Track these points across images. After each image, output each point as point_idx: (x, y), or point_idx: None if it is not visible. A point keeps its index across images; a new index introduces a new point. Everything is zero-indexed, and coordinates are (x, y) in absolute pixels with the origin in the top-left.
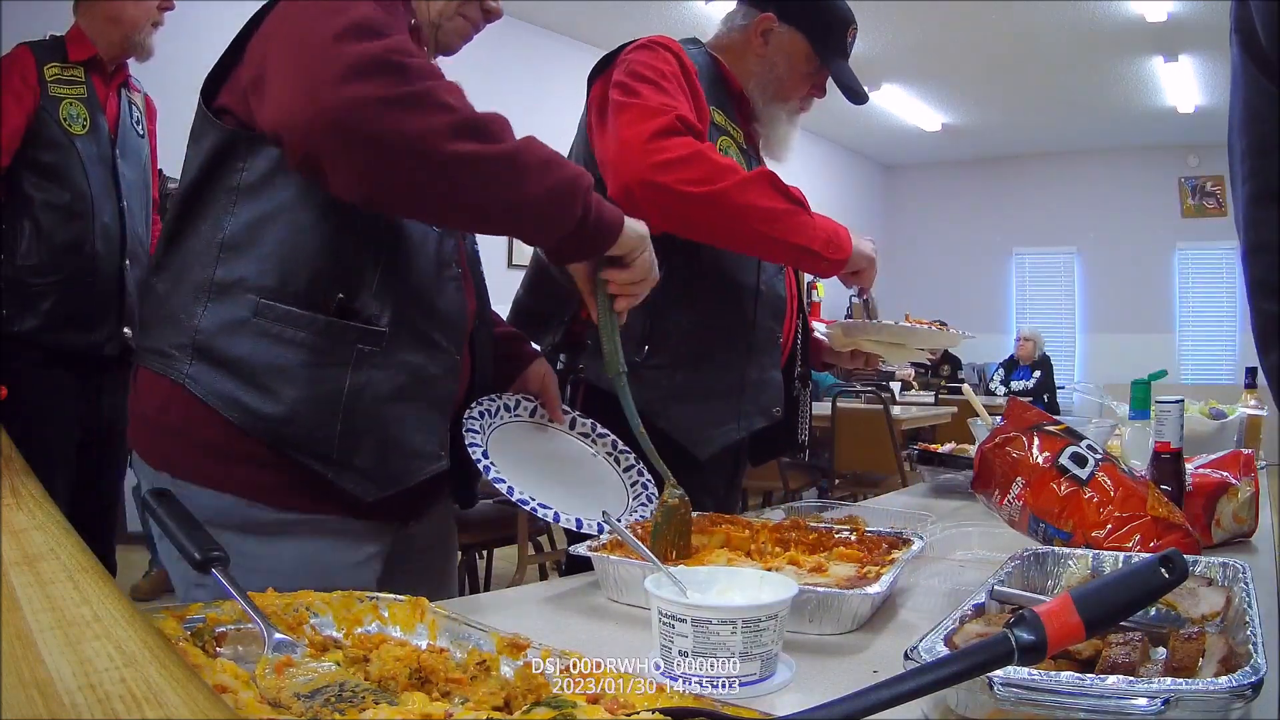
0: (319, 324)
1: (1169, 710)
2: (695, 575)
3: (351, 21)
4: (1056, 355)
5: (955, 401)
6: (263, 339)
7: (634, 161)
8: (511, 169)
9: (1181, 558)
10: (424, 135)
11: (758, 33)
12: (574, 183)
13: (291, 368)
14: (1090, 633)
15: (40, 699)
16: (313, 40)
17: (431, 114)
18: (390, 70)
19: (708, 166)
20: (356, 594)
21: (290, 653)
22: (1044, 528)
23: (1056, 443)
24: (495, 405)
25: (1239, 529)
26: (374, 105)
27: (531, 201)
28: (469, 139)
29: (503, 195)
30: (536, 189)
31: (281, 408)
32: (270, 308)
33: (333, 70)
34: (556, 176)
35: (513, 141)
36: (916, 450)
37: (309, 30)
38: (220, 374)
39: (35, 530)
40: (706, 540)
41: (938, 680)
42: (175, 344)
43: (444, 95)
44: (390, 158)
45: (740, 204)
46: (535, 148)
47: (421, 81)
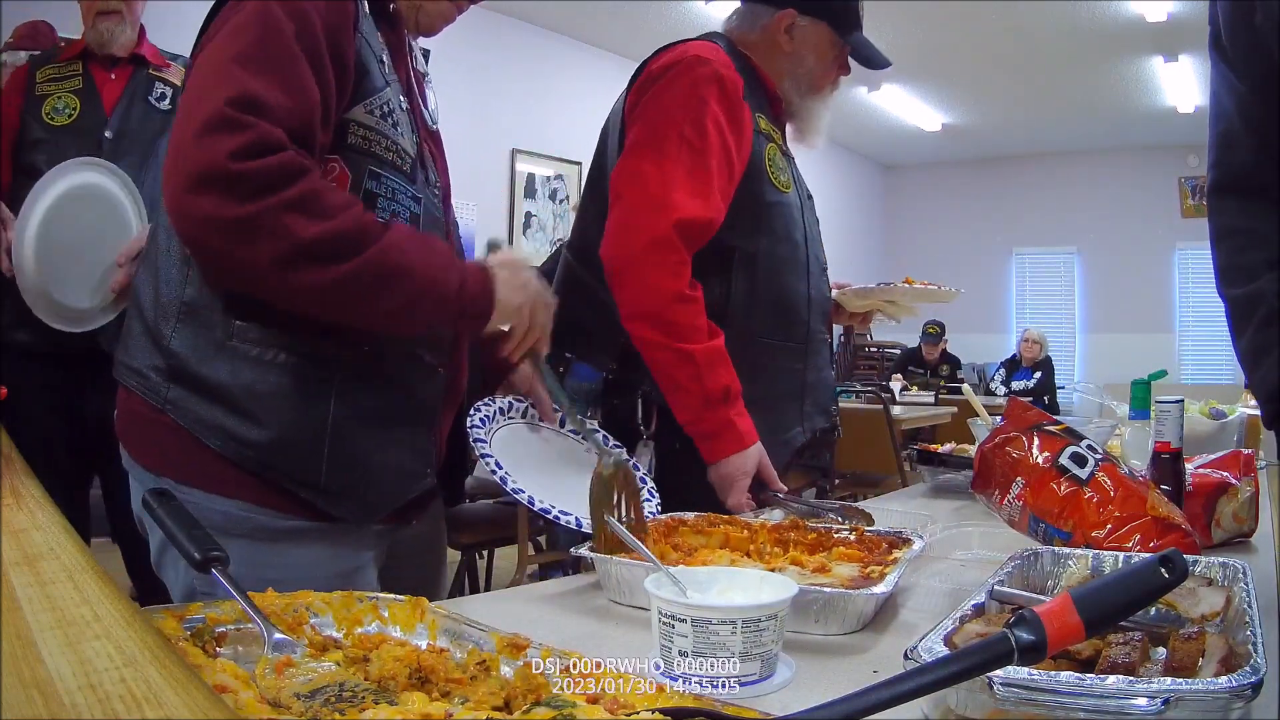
0: (301, 345)
1: (1169, 710)
2: (695, 575)
3: (212, 113)
4: (1056, 355)
5: (955, 401)
6: (242, 362)
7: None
8: (357, 287)
9: (1181, 558)
10: (253, 267)
11: (781, 30)
12: (434, 285)
13: (273, 392)
14: (1090, 633)
15: (40, 699)
16: (182, 131)
17: (261, 241)
18: (226, 185)
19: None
20: (356, 594)
21: (290, 653)
22: (1044, 528)
23: (1056, 443)
24: (492, 410)
25: (1239, 529)
26: (210, 226)
27: (389, 314)
28: (306, 264)
29: (355, 311)
30: (390, 303)
31: (266, 434)
32: (247, 329)
33: (181, 179)
34: (413, 284)
35: (361, 257)
36: (916, 450)
37: (186, 114)
38: (201, 400)
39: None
40: (705, 540)
41: (938, 680)
42: (152, 365)
43: (280, 216)
44: (234, 279)
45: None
46: (389, 258)
47: (258, 198)
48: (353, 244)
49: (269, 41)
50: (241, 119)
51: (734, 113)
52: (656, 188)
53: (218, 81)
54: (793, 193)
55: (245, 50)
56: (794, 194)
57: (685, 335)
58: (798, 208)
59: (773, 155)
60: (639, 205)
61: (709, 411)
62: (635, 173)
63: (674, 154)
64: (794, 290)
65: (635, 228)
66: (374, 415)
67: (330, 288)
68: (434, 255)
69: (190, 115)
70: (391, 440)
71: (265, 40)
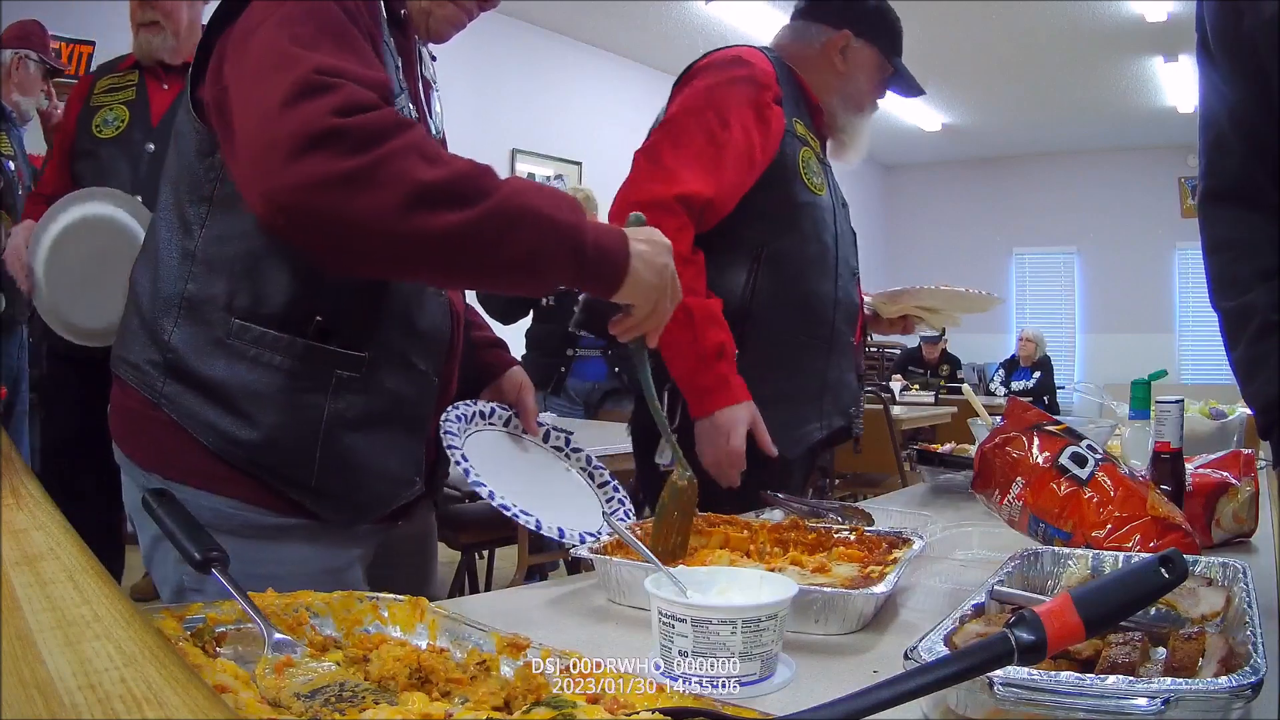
0: (297, 348)
1: (1169, 710)
2: (695, 575)
3: (298, 80)
4: (1056, 355)
5: (955, 401)
6: (239, 361)
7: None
8: (483, 233)
9: (1181, 558)
10: (378, 214)
11: (836, 49)
12: (564, 234)
13: (269, 393)
14: (1090, 633)
15: (40, 699)
16: (262, 106)
17: (383, 188)
18: (336, 140)
19: None
20: (356, 594)
21: (290, 653)
22: (1044, 528)
23: (1056, 443)
24: (471, 411)
25: (1239, 529)
26: (320, 186)
27: (513, 264)
28: (430, 208)
29: (480, 261)
30: (516, 251)
31: (259, 434)
32: (245, 329)
33: (279, 149)
34: (541, 231)
35: (488, 199)
36: (916, 450)
37: (259, 92)
38: (196, 396)
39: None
40: (705, 540)
41: (938, 680)
42: (149, 359)
43: (399, 161)
44: (348, 240)
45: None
46: (515, 201)
47: (372, 148)
48: (477, 188)
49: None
50: (330, 81)
51: (763, 112)
52: (669, 161)
53: (288, 60)
54: (826, 196)
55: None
56: (827, 197)
57: None
58: (830, 211)
59: (807, 159)
60: (646, 175)
61: (702, 366)
62: (650, 147)
63: (692, 137)
64: (820, 290)
65: (637, 192)
66: (367, 421)
67: (456, 232)
68: (562, 204)
69: (266, 91)
70: (383, 446)
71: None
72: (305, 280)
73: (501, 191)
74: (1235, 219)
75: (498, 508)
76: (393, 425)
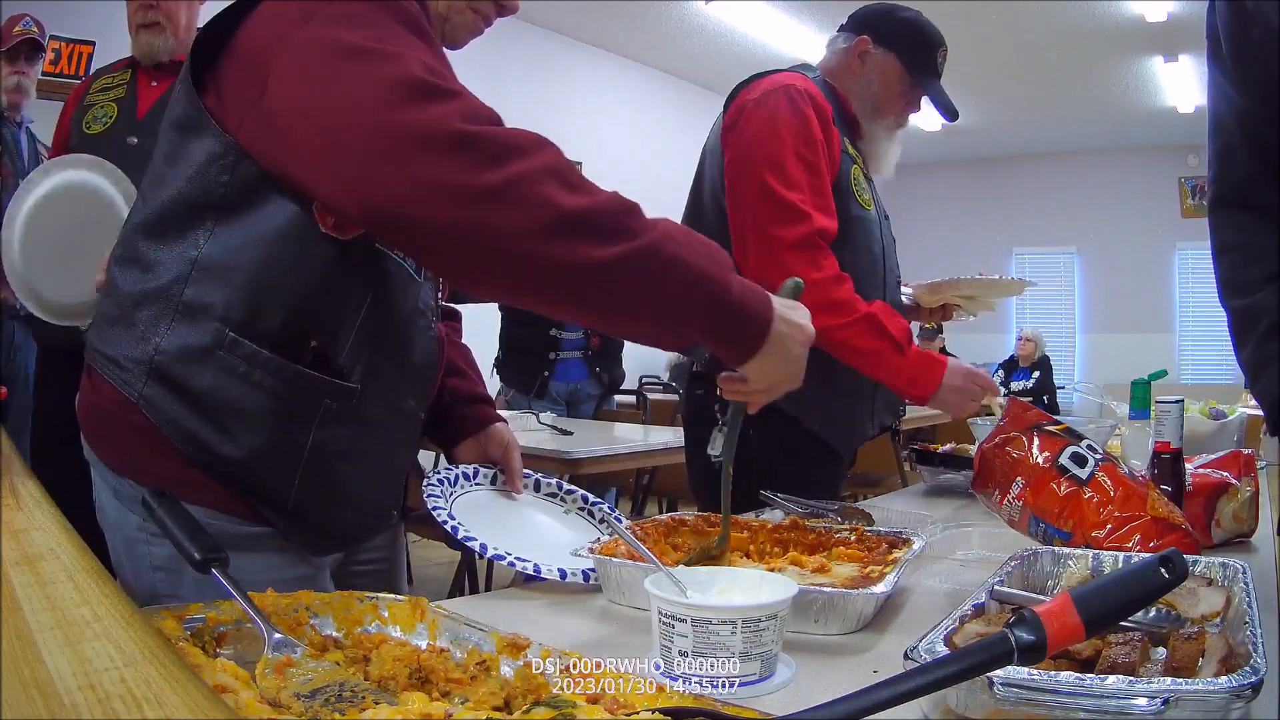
0: (289, 372)
1: (1169, 710)
2: (695, 575)
3: (408, 79)
4: (1056, 355)
5: None
6: (227, 376)
7: (766, 266)
8: (625, 275)
9: (1181, 558)
10: (511, 235)
11: (856, 55)
12: (709, 289)
13: (254, 413)
14: (1090, 633)
15: (40, 699)
16: (360, 107)
17: (520, 209)
18: (467, 147)
19: (824, 298)
20: (356, 594)
21: (290, 653)
22: (1044, 528)
23: (1056, 443)
24: (454, 474)
25: (1239, 529)
26: (448, 196)
27: (649, 313)
28: (570, 238)
29: (614, 302)
30: (655, 299)
31: (240, 452)
32: (238, 344)
33: (391, 150)
34: (685, 283)
35: (635, 239)
36: (916, 450)
37: (351, 94)
38: (178, 403)
39: (35, 530)
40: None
41: (938, 680)
42: (131, 356)
43: (538, 182)
44: (465, 254)
45: (835, 341)
46: (664, 248)
47: (508, 162)
48: (624, 225)
49: (413, 24)
50: (448, 86)
51: (827, 130)
52: (792, 198)
53: (378, 56)
54: (874, 210)
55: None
56: (875, 211)
57: (855, 306)
58: (877, 224)
59: (857, 175)
60: (774, 217)
61: (903, 358)
62: (764, 190)
63: (794, 171)
64: (872, 297)
65: (776, 238)
66: (350, 453)
67: (595, 268)
68: (715, 260)
69: (357, 87)
70: (364, 479)
71: (409, 21)
72: (306, 302)
73: (650, 234)
74: (1242, 224)
75: (491, 559)
76: (375, 458)
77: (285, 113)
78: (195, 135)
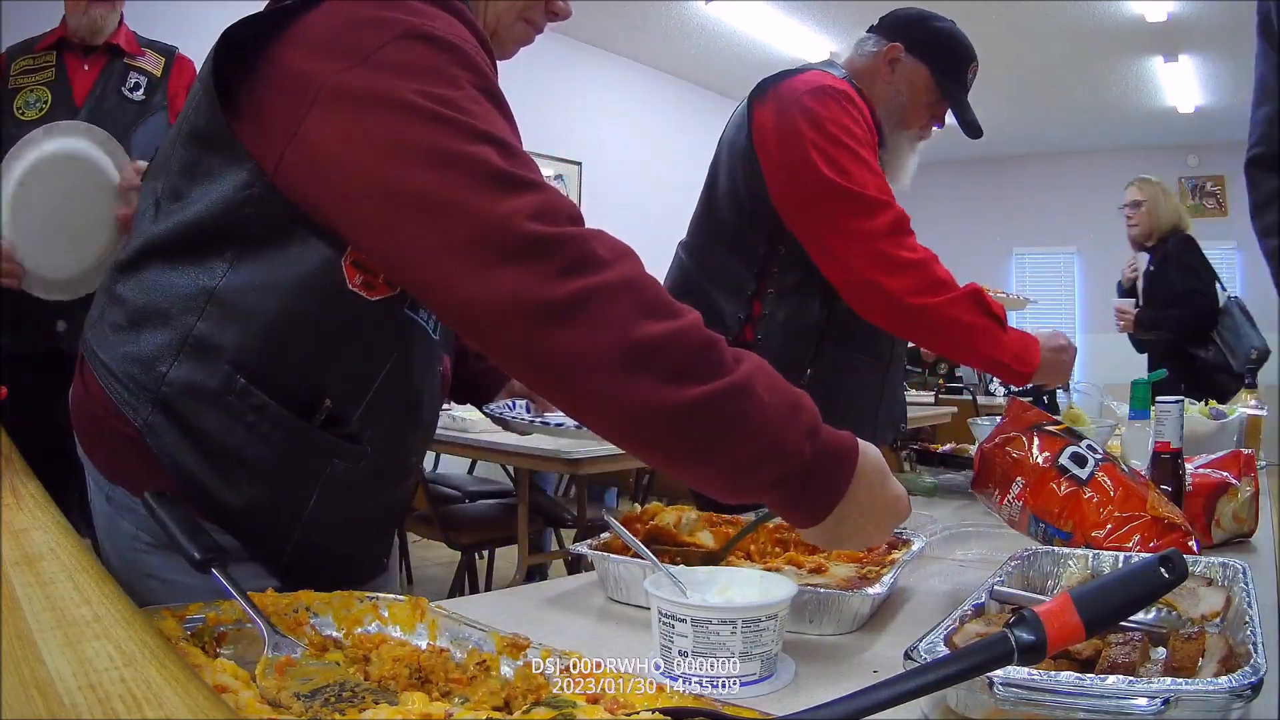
0: (300, 430)
1: (1169, 710)
2: (695, 575)
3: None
4: None
5: (955, 401)
6: (235, 422)
7: (864, 260)
8: (693, 424)
9: (1181, 558)
10: (575, 357)
11: (886, 61)
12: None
13: (258, 464)
14: (1090, 633)
15: (40, 699)
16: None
17: (589, 331)
18: (537, 253)
19: (928, 278)
20: (356, 594)
21: (290, 653)
22: (1044, 528)
23: (1056, 443)
24: (499, 407)
25: (1239, 529)
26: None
27: (712, 467)
28: (638, 372)
29: (675, 449)
30: (721, 456)
31: (239, 501)
32: (249, 392)
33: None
34: (755, 446)
35: (711, 383)
36: (916, 450)
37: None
38: (180, 438)
39: (35, 530)
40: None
41: (938, 680)
42: (137, 380)
43: (612, 302)
44: (530, 369)
45: (946, 318)
46: (741, 401)
47: (583, 273)
48: (705, 364)
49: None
50: (523, 175)
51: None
52: (871, 191)
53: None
54: None
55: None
56: None
57: (956, 284)
58: None
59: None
60: (856, 211)
61: (1006, 335)
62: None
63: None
64: None
65: (863, 232)
66: (351, 509)
67: (661, 412)
68: (797, 414)
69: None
70: (361, 537)
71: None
72: (325, 361)
73: (731, 379)
74: None
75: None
76: (375, 517)
77: (339, 173)
78: (219, 156)
